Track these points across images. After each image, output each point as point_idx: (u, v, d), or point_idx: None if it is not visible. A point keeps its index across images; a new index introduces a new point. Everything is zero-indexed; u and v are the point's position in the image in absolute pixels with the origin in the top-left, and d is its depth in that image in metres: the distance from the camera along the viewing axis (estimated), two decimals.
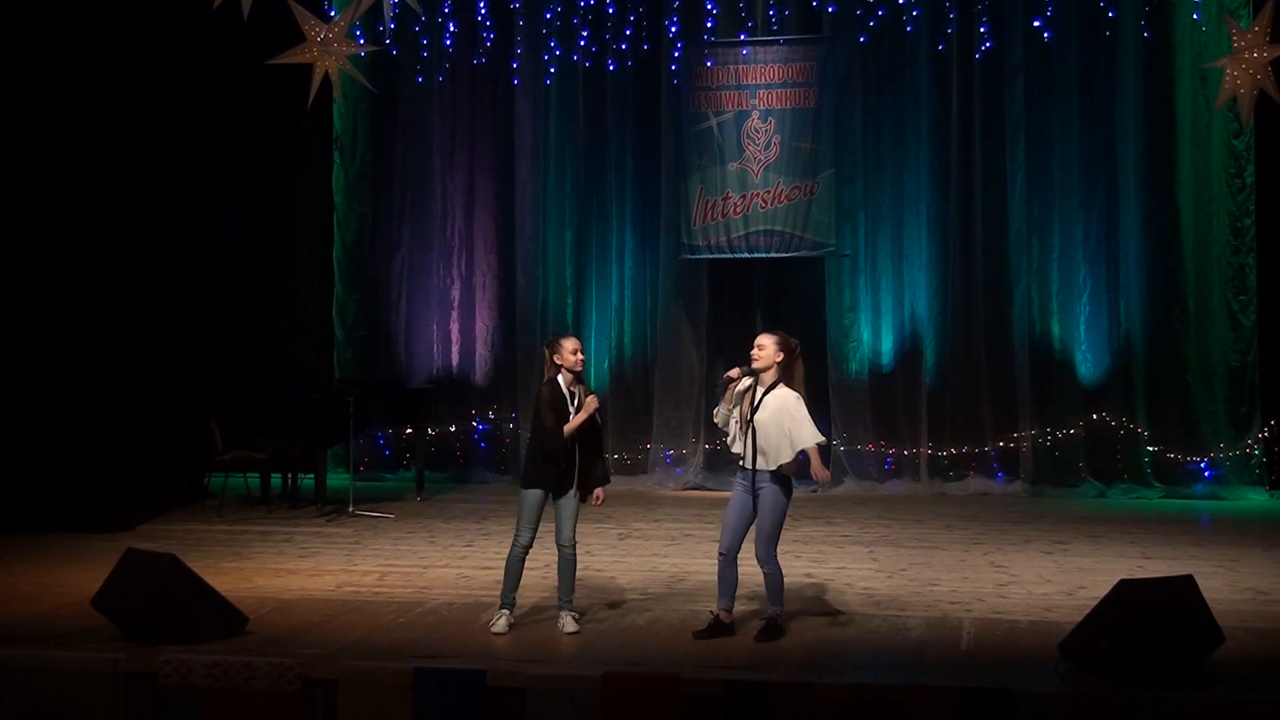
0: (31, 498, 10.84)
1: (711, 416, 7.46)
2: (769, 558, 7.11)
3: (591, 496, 7.39)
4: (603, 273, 14.22)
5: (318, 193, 14.62)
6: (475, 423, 14.29)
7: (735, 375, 7.17)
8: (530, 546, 7.31)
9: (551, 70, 13.99)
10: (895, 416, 13.51)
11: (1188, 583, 6.41)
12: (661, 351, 13.93)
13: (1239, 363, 12.91)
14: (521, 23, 14.03)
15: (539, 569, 8.24)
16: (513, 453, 13.97)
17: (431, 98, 14.35)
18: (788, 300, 13.99)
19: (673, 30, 13.65)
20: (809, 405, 7.16)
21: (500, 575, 7.37)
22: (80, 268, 11.51)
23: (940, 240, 13.49)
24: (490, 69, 14.27)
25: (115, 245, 11.86)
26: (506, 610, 7.28)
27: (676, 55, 13.71)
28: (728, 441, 7.32)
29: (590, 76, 14.07)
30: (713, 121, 13.68)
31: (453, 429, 14.26)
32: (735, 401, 7.15)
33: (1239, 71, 11.40)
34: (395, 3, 11.44)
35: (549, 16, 13.87)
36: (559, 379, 7.27)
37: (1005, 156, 13.34)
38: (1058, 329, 13.31)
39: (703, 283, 13.92)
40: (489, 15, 13.95)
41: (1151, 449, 13.07)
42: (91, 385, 11.41)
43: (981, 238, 13.42)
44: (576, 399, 7.27)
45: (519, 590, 7.38)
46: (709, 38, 13.64)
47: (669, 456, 13.85)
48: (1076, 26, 13.19)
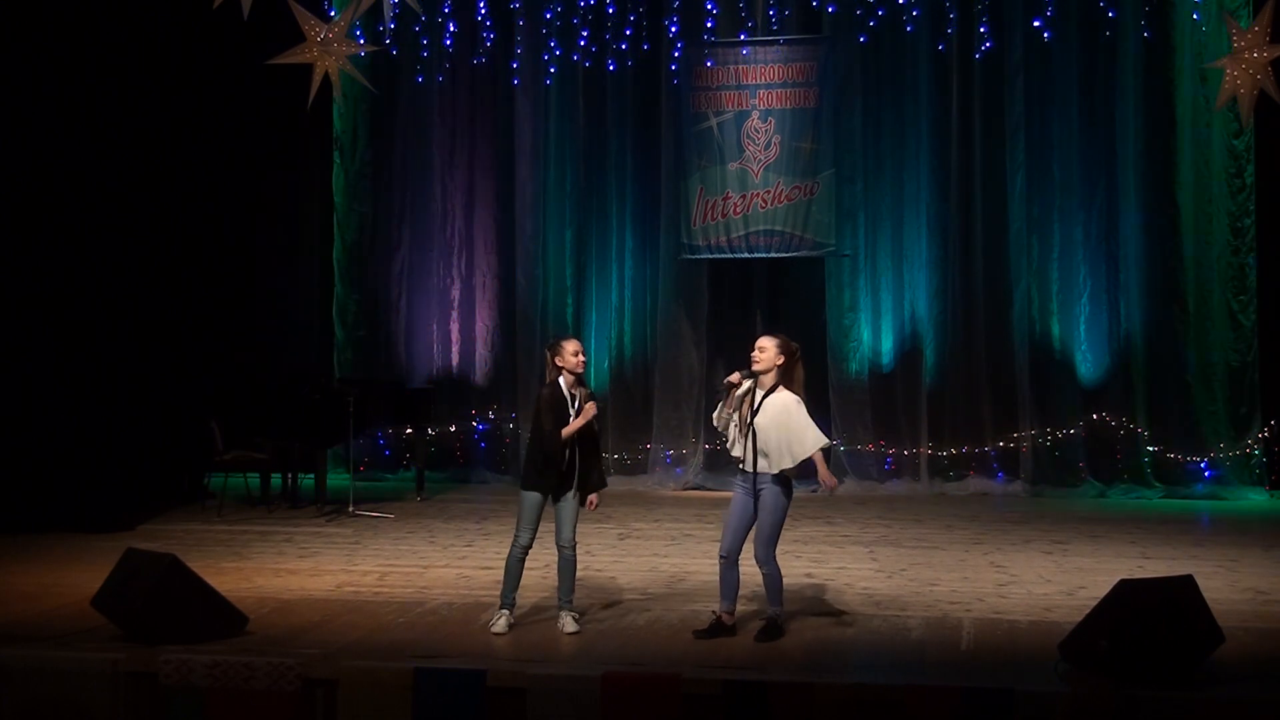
0: (31, 498, 10.83)
1: (712, 418, 7.45)
2: (768, 558, 7.11)
3: (586, 502, 7.40)
4: (603, 273, 14.22)
5: (318, 193, 14.63)
6: (475, 423, 14.29)
7: (736, 380, 7.16)
8: (530, 547, 7.31)
9: (551, 70, 13.99)
10: (895, 416, 13.52)
11: (1188, 583, 6.41)
12: (661, 351, 13.93)
13: (1239, 363, 12.91)
14: (521, 23, 14.03)
15: (539, 569, 8.24)
16: (513, 453, 13.97)
17: (431, 98, 14.35)
18: (788, 300, 13.99)
19: (673, 30, 13.65)
20: (808, 406, 7.16)
21: (500, 575, 7.37)
22: (80, 268, 11.50)
23: (940, 240, 13.49)
24: (490, 69, 14.27)
25: (115, 245, 11.85)
26: (506, 610, 7.28)
27: (676, 55, 13.71)
28: (727, 445, 7.32)
29: (590, 76, 14.07)
30: (713, 121, 13.68)
31: (453, 429, 14.26)
32: (735, 406, 7.15)
33: (1239, 71, 11.39)
34: (395, 3, 11.43)
35: (549, 16, 13.87)
36: (560, 381, 7.28)
37: (1005, 156, 13.34)
38: (1058, 329, 13.31)
39: (703, 283, 13.92)
40: (489, 15, 13.95)
41: (1151, 449, 13.08)
42: (91, 385, 11.41)
43: (981, 238, 13.42)
44: (577, 401, 7.27)
45: (519, 590, 7.39)
46: (709, 38, 13.64)
47: (669, 456, 13.85)
48: (1076, 26, 13.19)
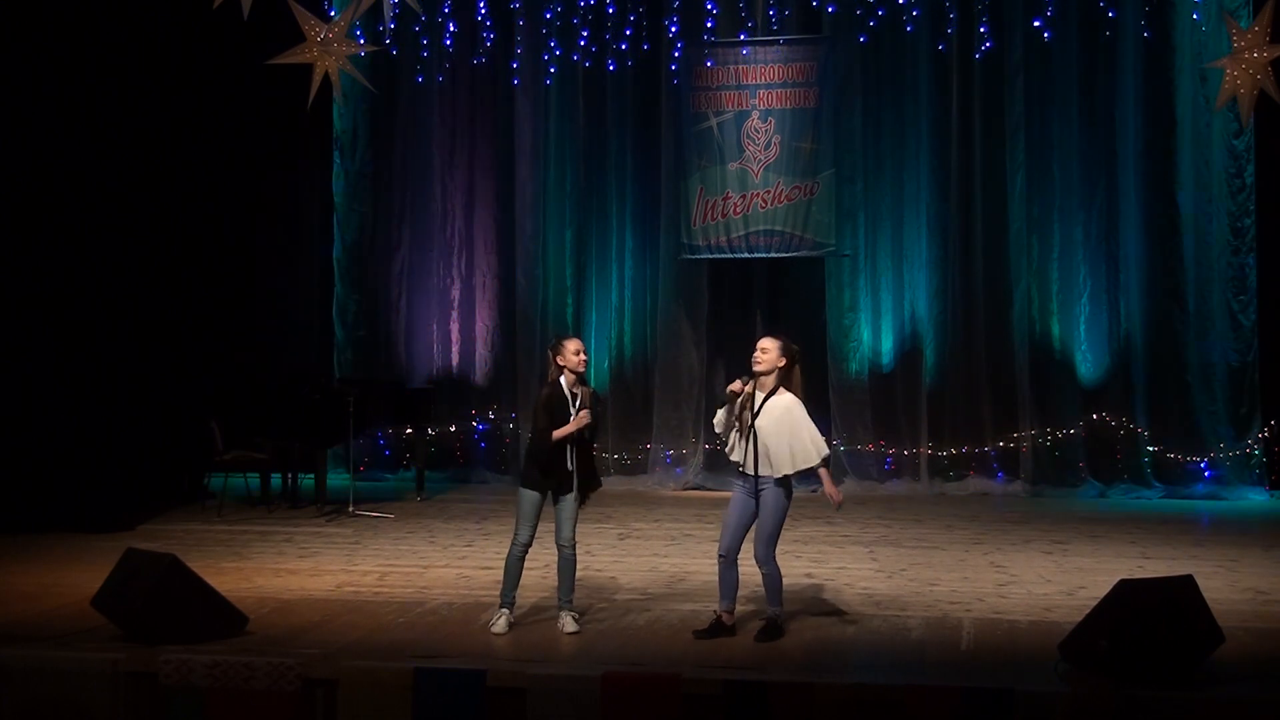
0: (31, 498, 10.83)
1: (713, 422, 7.44)
2: (768, 558, 7.11)
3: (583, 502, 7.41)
4: (603, 273, 14.22)
5: (318, 193, 14.63)
6: (475, 423, 14.29)
7: (739, 389, 7.14)
8: (529, 546, 7.31)
9: (551, 70, 13.99)
10: (895, 416, 13.51)
11: (1188, 583, 6.41)
12: (661, 351, 13.93)
13: (1239, 363, 12.91)
14: (521, 23, 14.03)
15: (539, 569, 8.24)
16: (513, 453, 13.96)
17: (431, 98, 14.35)
18: (788, 300, 13.99)
19: (673, 30, 13.65)
20: (808, 407, 7.16)
21: (500, 575, 7.37)
22: (80, 268, 11.50)
23: (940, 240, 13.49)
24: (490, 69, 14.27)
25: (115, 245, 11.85)
26: (506, 610, 7.28)
27: (676, 55, 13.71)
28: (726, 450, 7.31)
29: (590, 76, 14.07)
30: (713, 121, 13.68)
31: (453, 429, 14.26)
32: (736, 411, 7.14)
33: (1239, 71, 11.38)
34: (395, 3, 11.43)
35: (549, 16, 13.87)
36: (561, 380, 7.28)
37: (1005, 156, 13.34)
38: (1058, 329, 13.31)
39: (703, 283, 13.92)
40: (489, 15, 13.95)
41: (1151, 449, 13.07)
42: (91, 385, 11.40)
43: (981, 238, 13.42)
44: (579, 400, 7.27)
45: (519, 590, 7.39)
46: (709, 38, 13.64)
47: (669, 456, 13.85)
48: (1076, 26, 13.19)
